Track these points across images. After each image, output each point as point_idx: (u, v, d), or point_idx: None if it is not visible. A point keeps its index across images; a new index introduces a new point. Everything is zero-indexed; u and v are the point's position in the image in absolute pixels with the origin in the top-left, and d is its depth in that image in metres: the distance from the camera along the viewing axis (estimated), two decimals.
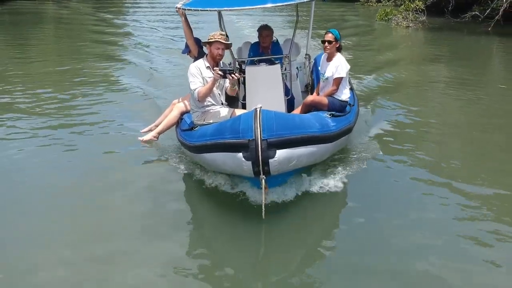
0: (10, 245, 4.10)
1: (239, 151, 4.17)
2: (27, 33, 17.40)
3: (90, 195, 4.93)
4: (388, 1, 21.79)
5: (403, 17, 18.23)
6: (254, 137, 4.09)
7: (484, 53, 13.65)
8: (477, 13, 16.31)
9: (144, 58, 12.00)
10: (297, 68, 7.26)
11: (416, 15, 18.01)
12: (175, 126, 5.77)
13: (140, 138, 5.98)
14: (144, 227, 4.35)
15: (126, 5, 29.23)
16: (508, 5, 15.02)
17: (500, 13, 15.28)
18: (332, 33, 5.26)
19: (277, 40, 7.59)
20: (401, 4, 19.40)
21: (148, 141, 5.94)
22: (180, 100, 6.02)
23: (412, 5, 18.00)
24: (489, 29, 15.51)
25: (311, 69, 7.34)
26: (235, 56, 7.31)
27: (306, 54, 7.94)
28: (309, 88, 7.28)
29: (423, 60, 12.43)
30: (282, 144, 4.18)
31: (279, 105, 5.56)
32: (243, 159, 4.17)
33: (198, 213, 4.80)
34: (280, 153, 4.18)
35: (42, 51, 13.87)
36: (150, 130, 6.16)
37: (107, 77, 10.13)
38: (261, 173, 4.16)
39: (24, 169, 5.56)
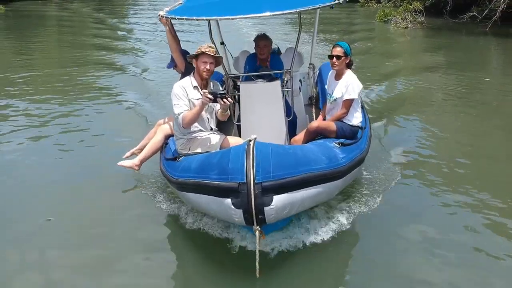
0: None
1: (228, 197, 3.38)
2: (28, 36, 17.09)
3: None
4: (388, 2, 21.60)
5: (402, 18, 18.34)
6: (245, 180, 3.30)
7: (483, 54, 13.61)
8: (475, 13, 16.55)
9: (140, 66, 11.32)
10: (300, 80, 6.51)
11: (415, 16, 18.18)
12: (159, 151, 4.98)
13: (120, 163, 5.17)
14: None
15: (128, 6, 28.75)
16: (505, 5, 15.27)
17: (498, 14, 15.47)
18: (342, 47, 4.44)
19: (278, 49, 6.82)
20: (400, 5, 19.73)
21: (128, 167, 5.14)
22: (166, 120, 5.24)
23: (410, 6, 18.24)
24: (487, 29, 15.68)
25: (315, 80, 6.58)
26: (230, 70, 6.54)
27: (310, 64, 7.18)
28: (313, 101, 6.52)
29: (423, 63, 12.06)
30: (280, 188, 3.39)
31: (279, 129, 4.78)
32: (232, 206, 3.38)
33: (182, 265, 3.99)
34: (278, 199, 3.38)
35: (42, 55, 13.44)
36: (133, 154, 5.37)
37: (102, 86, 9.54)
38: (255, 224, 3.37)
39: None
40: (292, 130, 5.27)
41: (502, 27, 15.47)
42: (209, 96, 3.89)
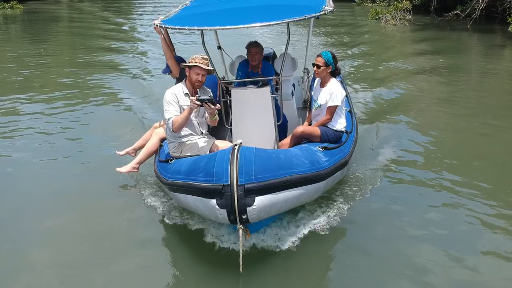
0: None
1: (213, 197, 3.64)
2: (42, 35, 18.01)
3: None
4: (382, 2, 22.57)
5: (391, 16, 19.74)
6: (229, 182, 3.55)
7: (463, 46, 15.27)
8: (459, 12, 18.30)
9: (141, 69, 11.62)
10: (293, 85, 6.73)
11: (404, 14, 19.66)
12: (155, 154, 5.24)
13: (118, 169, 5.40)
14: (113, 275, 3.86)
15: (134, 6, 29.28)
16: (485, 4, 16.99)
17: (477, 12, 17.13)
18: (322, 57, 4.68)
19: (274, 53, 7.04)
20: (393, 4, 21.11)
21: (127, 172, 5.39)
22: (162, 124, 5.49)
23: (400, 5, 19.84)
24: (468, 26, 17.30)
25: (309, 84, 6.81)
26: (227, 73, 6.80)
27: (304, 68, 7.42)
28: (308, 104, 6.74)
29: (408, 54, 13.48)
30: (262, 190, 3.64)
31: (269, 133, 5.01)
32: (217, 206, 3.62)
33: (172, 260, 4.24)
34: (260, 200, 3.63)
35: (51, 56, 13.94)
36: (128, 154, 5.62)
37: (104, 88, 9.86)
38: (238, 222, 3.62)
39: None
40: (283, 133, 5.50)
41: (481, 24, 17.21)
42: (197, 102, 4.14)
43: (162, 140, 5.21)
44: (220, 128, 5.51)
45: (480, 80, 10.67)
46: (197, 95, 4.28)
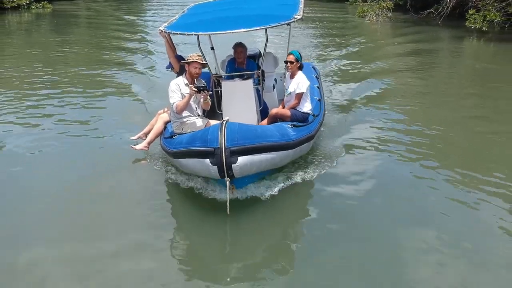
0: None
1: (207, 157, 4.97)
2: (63, 34, 20.03)
3: (90, 188, 5.87)
4: (372, 1, 24.33)
5: (375, 14, 22.35)
6: (219, 146, 4.87)
7: (434, 39, 17.90)
8: (432, 10, 20.93)
9: (148, 65, 13.07)
10: (275, 79, 8.04)
11: (386, 12, 22.29)
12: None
13: (133, 146, 6.73)
14: (128, 222, 5.18)
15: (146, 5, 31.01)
16: (453, 4, 19.74)
17: (446, 10, 19.78)
18: (293, 55, 6.03)
19: (260, 52, 8.39)
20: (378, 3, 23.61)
21: (140, 149, 6.71)
22: (165, 110, 6.80)
23: (384, 4, 22.43)
24: (439, 22, 19.81)
25: None
26: (218, 69, 8.13)
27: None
28: None
29: (386, 45, 16.48)
30: (243, 152, 4.96)
31: (252, 115, 6.34)
32: (210, 164, 4.95)
33: (175, 208, 5.61)
34: (242, 159, 4.96)
35: (71, 53, 15.55)
36: (139, 138, 6.93)
37: (115, 82, 11.23)
38: (226, 176, 4.95)
39: (18, 171, 6.38)
40: (264, 118, 6.84)
41: (450, 20, 19.90)
42: (194, 89, 5.49)
43: (166, 123, 6.53)
44: (213, 113, 6.85)
45: (446, 66, 13.63)
46: (194, 84, 5.62)
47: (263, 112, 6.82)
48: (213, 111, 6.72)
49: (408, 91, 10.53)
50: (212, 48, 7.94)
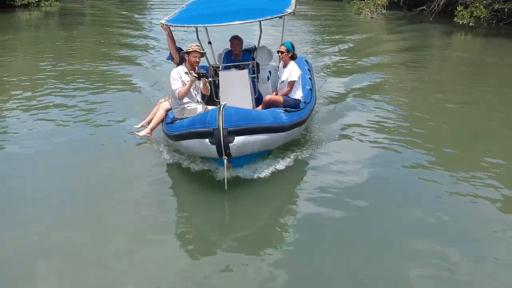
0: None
1: (206, 138, 5.43)
2: (69, 31, 20.63)
3: (96, 170, 6.29)
4: None
5: (370, 11, 23.56)
6: (217, 127, 5.34)
7: (425, 34, 19.23)
8: (424, 7, 22.25)
9: (149, 59, 13.56)
10: (269, 71, 8.51)
11: (380, 9, 23.51)
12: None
13: (137, 133, 7.18)
14: (132, 198, 5.60)
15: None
16: (444, 1, 21.14)
17: (436, 8, 21.19)
18: (285, 45, 6.52)
19: (255, 46, 8.85)
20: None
21: (144, 136, 7.16)
22: (166, 99, 7.27)
23: (378, 2, 23.70)
24: (431, 18, 21.22)
25: None
26: (215, 61, 8.59)
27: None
28: None
29: (379, 40, 17.46)
30: (239, 132, 5.43)
31: (248, 103, 6.81)
32: (209, 144, 5.42)
33: (175, 186, 6.04)
34: (238, 139, 5.43)
35: (77, 49, 15.96)
36: (143, 126, 7.38)
37: (118, 75, 11.69)
38: (223, 154, 5.41)
39: (23, 161, 6.69)
40: (259, 106, 7.32)
41: (441, 17, 21.22)
42: (195, 75, 5.97)
43: (167, 110, 6.99)
44: (211, 102, 7.32)
45: (435, 58, 14.87)
46: (195, 71, 6.11)
47: (258, 100, 7.28)
48: (211, 100, 7.20)
49: (399, 82, 11.22)
50: (210, 43, 8.42)
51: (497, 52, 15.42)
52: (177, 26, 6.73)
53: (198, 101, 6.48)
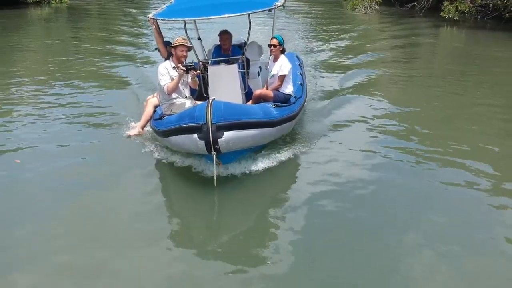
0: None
1: (195, 133, 5.29)
2: (75, 28, 20.80)
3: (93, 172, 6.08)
4: None
5: (364, 7, 24.16)
6: (206, 121, 5.19)
7: (415, 28, 19.69)
8: (415, 3, 23.41)
9: (143, 58, 13.26)
10: (259, 67, 8.39)
11: (374, 5, 24.12)
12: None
13: (128, 133, 6.94)
14: (120, 198, 5.44)
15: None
16: None
17: (426, 3, 22.18)
18: (276, 39, 6.39)
19: (245, 42, 8.73)
20: None
21: (134, 135, 6.97)
22: (154, 95, 7.11)
23: None
24: (421, 13, 22.32)
25: None
26: (205, 56, 8.46)
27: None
28: None
29: (372, 35, 17.75)
30: (228, 127, 5.29)
31: (237, 98, 6.68)
32: (198, 139, 5.28)
33: (165, 184, 5.91)
34: (227, 134, 5.29)
35: (80, 46, 15.75)
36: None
37: (110, 73, 11.49)
38: (212, 150, 5.27)
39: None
40: (249, 101, 7.19)
41: (431, 12, 21.94)
42: (183, 68, 5.82)
43: (155, 107, 6.84)
44: (201, 97, 7.17)
45: (422, 50, 15.43)
46: (182, 64, 5.96)
47: (248, 95, 7.15)
48: (201, 95, 7.05)
49: (390, 75, 11.22)
50: (199, 38, 8.27)
51: (483, 44, 16.29)
52: (165, 20, 6.57)
53: (186, 96, 6.34)
